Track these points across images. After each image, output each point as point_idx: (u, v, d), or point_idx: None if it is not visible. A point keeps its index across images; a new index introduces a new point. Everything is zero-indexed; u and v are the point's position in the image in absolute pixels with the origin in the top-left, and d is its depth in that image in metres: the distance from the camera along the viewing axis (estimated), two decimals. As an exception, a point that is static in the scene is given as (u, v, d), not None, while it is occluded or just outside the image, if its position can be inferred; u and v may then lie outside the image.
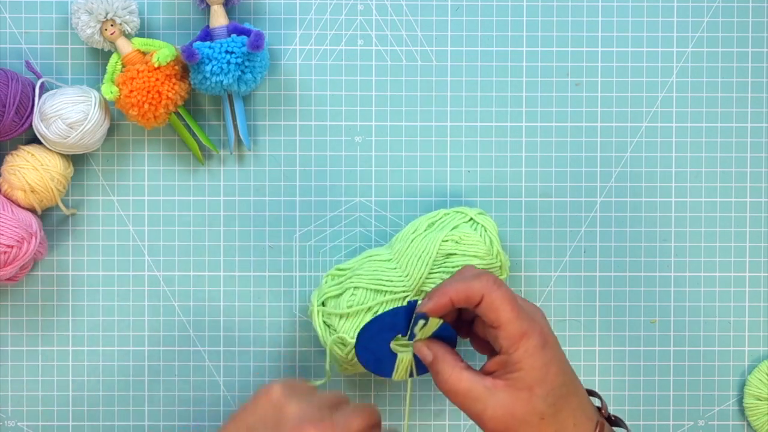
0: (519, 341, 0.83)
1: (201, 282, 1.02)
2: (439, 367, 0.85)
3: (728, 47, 1.02)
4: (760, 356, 1.04)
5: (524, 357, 0.83)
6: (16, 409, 1.03)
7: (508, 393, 0.83)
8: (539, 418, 0.83)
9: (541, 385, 0.83)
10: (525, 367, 0.83)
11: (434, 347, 0.86)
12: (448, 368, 0.84)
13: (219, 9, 0.98)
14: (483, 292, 0.84)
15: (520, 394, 0.83)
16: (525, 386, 0.83)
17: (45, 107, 0.97)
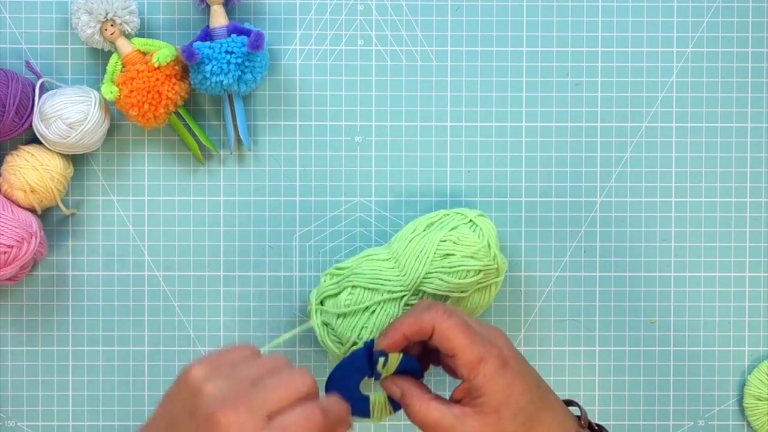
0: (477, 367, 0.84)
1: (201, 282, 1.02)
2: (408, 401, 0.86)
3: (728, 47, 1.02)
4: (760, 356, 1.04)
5: (485, 382, 0.83)
6: (16, 409, 1.03)
7: (476, 419, 0.84)
8: None
9: (507, 406, 0.83)
10: (487, 392, 0.83)
11: (400, 382, 0.87)
12: (416, 401, 0.85)
13: (219, 9, 0.98)
14: (433, 323, 0.85)
15: (487, 419, 0.83)
16: (492, 410, 0.83)
17: (45, 107, 0.97)
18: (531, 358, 1.03)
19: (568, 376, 1.03)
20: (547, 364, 1.03)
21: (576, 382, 1.03)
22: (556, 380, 1.03)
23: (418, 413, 0.85)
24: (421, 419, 0.85)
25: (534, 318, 1.03)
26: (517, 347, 1.02)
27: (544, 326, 1.03)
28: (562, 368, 1.03)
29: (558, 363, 1.03)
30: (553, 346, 1.03)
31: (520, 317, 1.03)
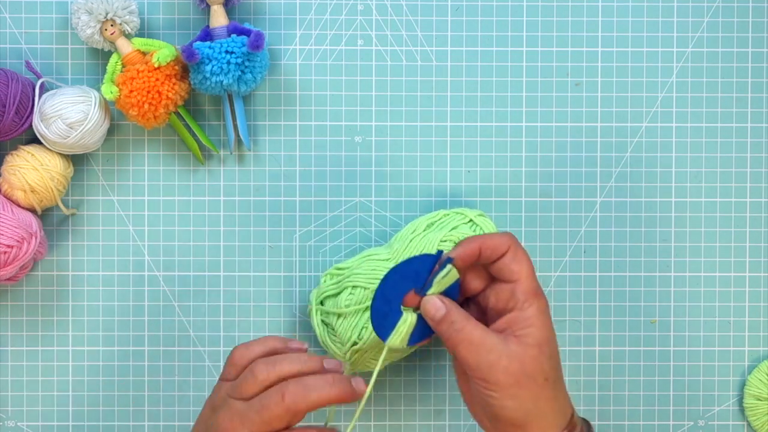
0: (534, 297, 0.86)
1: (201, 282, 1.02)
2: (453, 317, 0.85)
3: (728, 47, 1.02)
4: (760, 356, 1.04)
5: (537, 314, 0.85)
6: (16, 409, 1.03)
7: (520, 347, 0.85)
8: (544, 378, 0.85)
9: (548, 345, 0.85)
10: (536, 324, 0.85)
11: (447, 300, 0.86)
12: (462, 318, 0.85)
13: (219, 9, 0.98)
14: (509, 244, 0.87)
15: (530, 350, 0.85)
16: (535, 342, 0.85)
17: (45, 107, 0.97)
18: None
19: (568, 376, 1.03)
20: (547, 364, 1.03)
21: (576, 382, 1.03)
22: (556, 380, 1.03)
23: (463, 330, 0.85)
24: (465, 336, 0.84)
25: (534, 318, 1.03)
26: (517, 347, 1.02)
27: (544, 326, 1.03)
28: (561, 368, 1.03)
29: (558, 363, 1.03)
30: (553, 346, 1.03)
31: (520, 317, 1.03)
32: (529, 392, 0.84)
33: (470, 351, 0.84)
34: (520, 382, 0.84)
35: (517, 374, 0.84)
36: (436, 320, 0.86)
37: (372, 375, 1.00)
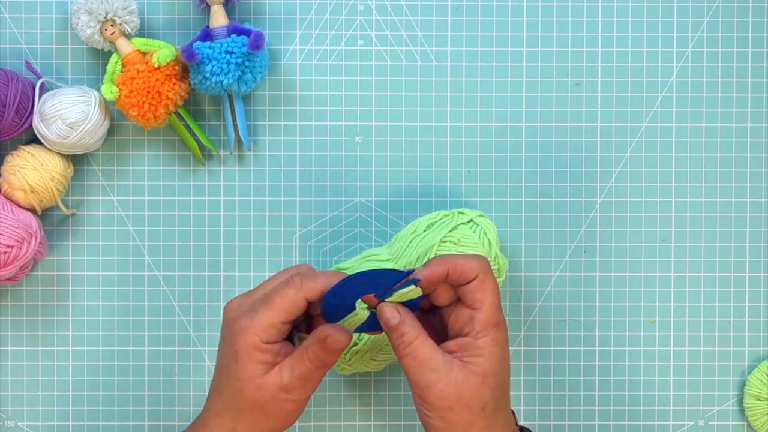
0: (491, 328, 0.85)
1: (201, 282, 1.02)
2: (405, 329, 0.85)
3: (728, 47, 1.02)
4: (760, 356, 1.04)
5: (490, 345, 0.85)
6: (16, 409, 1.03)
7: (463, 374, 0.84)
8: (480, 408, 0.85)
9: (494, 377, 0.85)
10: (486, 354, 0.85)
11: (402, 310, 0.86)
12: (414, 332, 0.85)
13: (219, 9, 0.98)
14: (478, 272, 0.86)
15: (473, 378, 0.84)
16: (480, 372, 0.84)
17: (45, 107, 0.97)
18: (531, 358, 1.03)
19: (568, 376, 1.03)
20: (547, 364, 1.03)
21: (576, 382, 1.03)
22: (556, 380, 1.03)
23: (412, 343, 0.85)
24: (412, 351, 0.85)
25: (534, 318, 1.03)
26: (517, 347, 1.03)
27: (544, 326, 1.03)
28: (562, 368, 1.03)
29: (558, 363, 1.03)
30: (553, 346, 1.03)
31: (520, 317, 1.03)
32: (461, 419, 0.84)
33: (413, 366, 0.85)
34: (453, 408, 0.84)
35: (452, 400, 0.84)
36: (389, 327, 0.86)
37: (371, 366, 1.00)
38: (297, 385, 0.85)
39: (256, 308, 0.86)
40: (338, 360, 0.98)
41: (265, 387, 0.85)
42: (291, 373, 0.85)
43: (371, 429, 1.04)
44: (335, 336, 0.85)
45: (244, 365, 0.85)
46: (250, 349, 0.85)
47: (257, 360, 0.85)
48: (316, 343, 0.85)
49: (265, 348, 0.85)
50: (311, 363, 0.85)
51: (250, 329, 0.85)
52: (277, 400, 0.85)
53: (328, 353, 0.85)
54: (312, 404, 1.03)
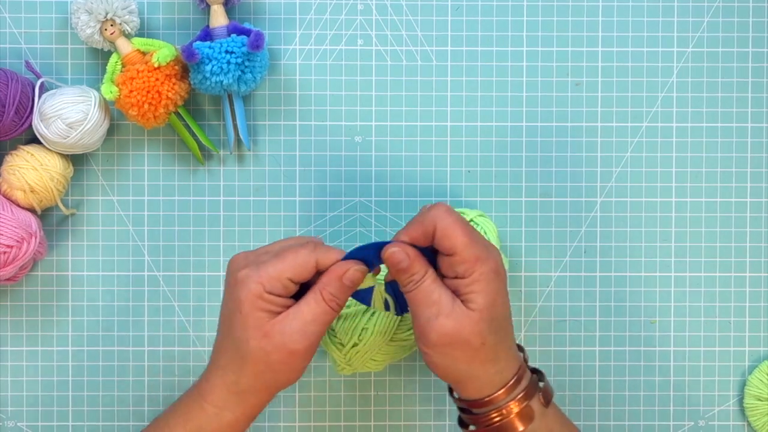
0: (474, 265, 0.85)
1: (201, 282, 1.02)
2: (415, 268, 0.86)
3: (728, 47, 1.02)
4: (760, 356, 1.04)
5: (478, 279, 0.85)
6: (16, 409, 1.03)
7: (462, 310, 0.85)
8: (481, 342, 0.85)
9: (489, 310, 0.85)
10: (477, 290, 0.85)
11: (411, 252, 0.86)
12: (423, 270, 0.86)
13: (219, 9, 0.98)
14: (435, 221, 0.86)
15: (471, 314, 0.85)
16: (477, 308, 0.85)
17: (45, 107, 0.97)
18: (531, 358, 1.03)
19: (568, 376, 1.03)
20: (547, 364, 1.03)
21: (576, 382, 1.03)
22: (556, 380, 1.03)
23: (420, 280, 0.85)
24: (420, 286, 0.85)
25: (534, 318, 1.03)
26: (517, 347, 1.02)
27: (544, 326, 1.03)
28: (562, 368, 1.03)
29: (558, 363, 1.03)
30: (553, 346, 1.03)
31: (520, 317, 1.03)
32: (462, 354, 0.85)
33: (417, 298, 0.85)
34: (453, 343, 0.85)
35: (452, 336, 0.84)
36: (399, 269, 0.86)
37: (373, 360, 1.00)
38: (307, 330, 0.85)
39: (263, 261, 0.85)
40: (338, 360, 0.98)
41: (272, 334, 0.84)
42: (302, 316, 0.85)
43: (371, 429, 1.04)
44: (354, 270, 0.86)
45: (248, 314, 0.84)
46: (253, 297, 0.84)
47: (260, 308, 0.84)
48: (333, 280, 0.85)
49: (269, 298, 0.84)
50: (326, 303, 0.85)
51: (254, 278, 0.84)
52: (283, 349, 0.85)
53: (344, 290, 0.86)
54: (312, 404, 1.03)
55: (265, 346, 0.84)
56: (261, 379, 0.86)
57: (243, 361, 0.85)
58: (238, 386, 0.86)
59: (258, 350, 0.85)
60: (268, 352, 0.85)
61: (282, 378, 0.86)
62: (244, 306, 0.85)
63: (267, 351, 0.85)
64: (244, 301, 0.85)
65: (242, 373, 0.86)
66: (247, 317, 0.85)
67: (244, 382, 0.86)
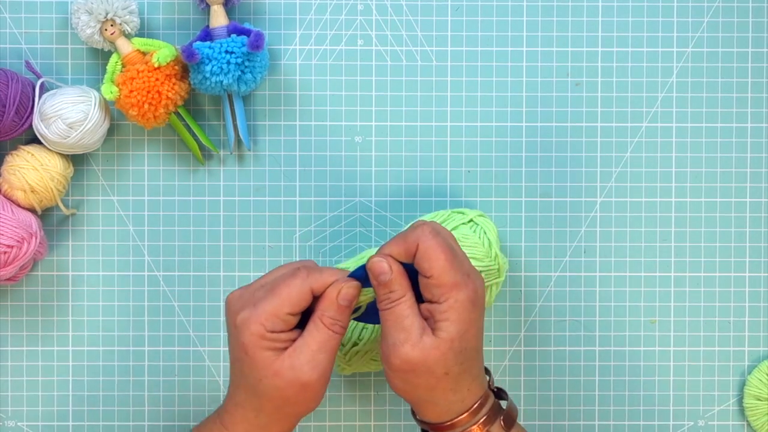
0: (450, 291, 0.84)
1: (201, 282, 1.02)
2: (394, 287, 0.85)
3: (728, 47, 1.02)
4: (760, 356, 1.04)
5: (453, 306, 0.84)
6: (16, 409, 1.03)
7: (431, 339, 0.84)
8: (444, 372, 0.84)
9: (461, 341, 0.84)
10: (451, 318, 0.84)
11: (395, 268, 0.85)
12: (401, 290, 0.85)
13: (219, 9, 0.98)
14: (418, 241, 0.85)
15: (440, 344, 0.84)
16: (448, 337, 0.84)
17: (45, 107, 0.97)
18: (531, 358, 1.03)
19: (568, 376, 1.03)
20: (547, 364, 1.03)
21: (576, 382, 1.03)
22: (556, 380, 1.03)
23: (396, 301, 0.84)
24: (394, 307, 0.84)
25: (534, 318, 1.03)
26: (517, 347, 1.03)
27: (544, 326, 1.03)
28: (562, 368, 1.03)
29: (558, 363, 1.03)
30: (553, 346, 1.03)
31: (520, 317, 1.03)
32: (423, 381, 0.85)
33: (388, 321, 0.85)
34: (416, 370, 0.84)
35: (416, 363, 0.84)
36: (379, 282, 0.85)
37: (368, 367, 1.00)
38: (315, 360, 0.84)
39: (258, 298, 0.85)
40: (338, 360, 0.98)
41: (282, 371, 0.84)
42: (308, 348, 0.84)
43: (371, 429, 1.04)
44: (346, 288, 0.85)
45: (254, 356, 0.84)
46: (256, 339, 0.84)
47: (265, 348, 0.84)
48: (329, 304, 0.85)
49: (272, 336, 0.84)
50: (328, 328, 0.85)
51: (254, 319, 0.84)
52: (296, 383, 0.84)
53: (342, 311, 0.85)
54: (312, 404, 1.03)
55: (278, 384, 0.84)
56: (281, 412, 0.86)
57: (259, 400, 0.85)
58: (259, 420, 0.86)
59: (272, 388, 0.85)
60: (281, 389, 0.84)
61: (301, 408, 0.87)
62: (249, 349, 0.84)
63: (280, 387, 0.84)
64: (248, 345, 0.84)
65: (261, 410, 0.86)
66: (255, 359, 0.84)
67: (264, 417, 0.86)
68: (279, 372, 0.84)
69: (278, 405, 0.85)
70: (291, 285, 0.85)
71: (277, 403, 0.85)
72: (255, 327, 0.84)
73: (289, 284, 0.85)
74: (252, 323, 0.84)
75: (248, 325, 0.84)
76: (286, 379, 0.84)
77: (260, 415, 0.86)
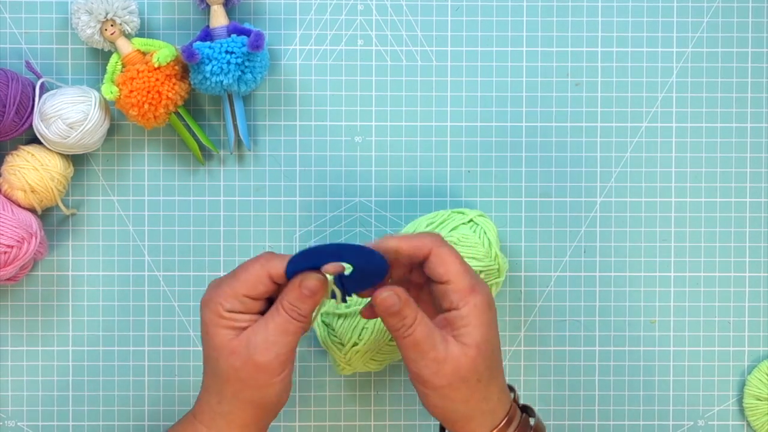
0: (468, 295, 0.84)
1: (201, 282, 1.02)
2: (406, 312, 0.84)
3: (728, 47, 1.03)
4: (760, 356, 1.04)
5: (473, 311, 0.84)
6: (16, 409, 1.03)
7: (458, 347, 0.84)
8: (477, 379, 0.84)
9: (485, 344, 0.84)
10: (473, 322, 0.84)
11: (401, 294, 0.84)
12: (413, 313, 0.84)
13: (219, 9, 0.98)
14: (431, 246, 0.85)
15: (468, 350, 0.84)
16: (473, 343, 0.84)
17: (45, 107, 0.97)
18: (531, 358, 1.03)
19: (568, 376, 1.03)
20: (547, 364, 1.03)
21: (576, 382, 1.03)
22: (556, 380, 1.03)
23: (411, 326, 0.84)
24: (412, 332, 0.84)
25: (534, 318, 1.03)
26: (517, 347, 1.03)
27: (544, 326, 1.03)
28: (562, 368, 1.03)
29: (558, 363, 1.03)
30: (553, 346, 1.03)
31: (520, 317, 1.03)
32: (459, 394, 0.84)
33: (412, 347, 0.84)
34: (452, 383, 0.84)
35: (450, 377, 0.83)
36: (390, 313, 0.84)
37: (369, 365, 1.00)
38: (272, 342, 0.84)
39: (221, 280, 0.86)
40: (338, 360, 0.98)
41: (238, 349, 0.84)
42: (264, 328, 0.84)
43: (371, 429, 1.04)
44: (310, 278, 0.84)
45: (213, 334, 0.85)
46: (214, 317, 0.85)
47: (224, 326, 0.85)
48: (291, 290, 0.84)
49: (229, 315, 0.85)
50: (287, 313, 0.84)
51: (214, 298, 0.85)
52: (250, 362, 0.84)
53: (303, 299, 0.84)
54: (312, 404, 1.03)
55: (233, 363, 0.85)
56: (240, 397, 0.86)
57: (219, 381, 0.86)
58: (221, 406, 0.86)
59: (228, 368, 0.85)
60: (237, 369, 0.85)
61: (260, 394, 0.85)
62: (208, 327, 0.85)
63: (236, 367, 0.85)
64: (208, 323, 0.85)
65: (222, 394, 0.86)
66: (213, 337, 0.85)
67: (226, 402, 0.86)
68: (235, 350, 0.84)
69: (237, 388, 0.85)
70: (249, 268, 0.85)
71: (236, 386, 0.85)
72: (213, 306, 0.85)
73: (248, 267, 0.85)
74: (211, 303, 0.85)
75: (208, 304, 0.85)
76: (241, 357, 0.84)
77: (222, 402, 0.86)
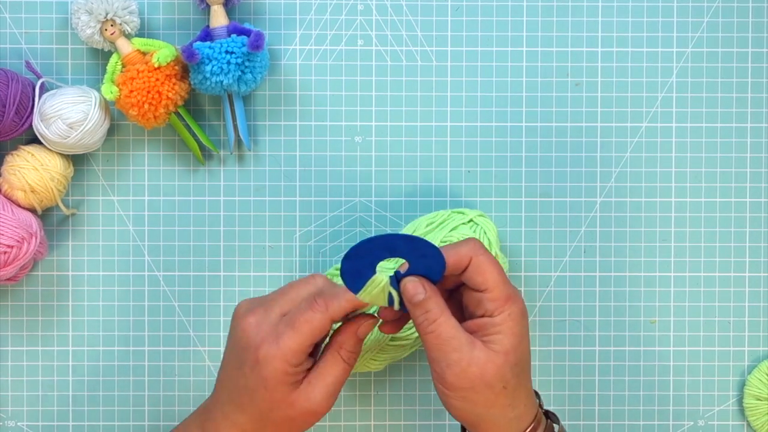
0: (504, 304, 0.84)
1: (201, 282, 1.02)
2: (430, 305, 0.84)
3: (728, 47, 1.03)
4: (760, 356, 1.04)
5: (507, 320, 0.84)
6: (16, 409, 1.03)
7: (485, 352, 0.84)
8: (502, 386, 0.84)
9: (514, 353, 0.84)
10: (505, 331, 0.84)
11: (428, 287, 0.85)
12: (438, 309, 0.84)
13: (219, 9, 0.98)
14: (470, 254, 0.85)
15: (495, 357, 0.84)
16: (502, 350, 0.84)
17: (45, 107, 0.97)
18: (531, 358, 1.03)
19: (568, 376, 1.03)
20: (547, 364, 1.03)
21: (576, 382, 1.03)
22: (556, 380, 1.03)
23: (436, 321, 0.83)
24: (436, 329, 0.83)
25: (534, 318, 1.03)
26: (517, 347, 1.02)
27: (544, 326, 1.03)
28: (562, 368, 1.03)
29: (558, 363, 1.03)
30: (553, 346, 1.03)
31: (520, 317, 1.03)
32: (483, 398, 0.84)
33: (436, 344, 0.84)
34: (474, 387, 0.83)
35: (474, 380, 0.83)
36: (413, 303, 0.84)
37: (371, 366, 1.00)
38: (330, 391, 0.85)
39: (280, 332, 0.84)
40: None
41: (298, 402, 0.84)
42: (323, 381, 0.85)
43: (371, 429, 1.04)
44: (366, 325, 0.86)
45: (274, 389, 0.84)
46: (280, 375, 0.84)
47: (287, 383, 0.84)
48: (348, 337, 0.85)
49: (293, 371, 0.84)
50: (345, 362, 0.86)
51: (279, 357, 0.83)
52: (309, 413, 0.85)
53: (359, 343, 0.86)
54: (312, 404, 1.03)
55: (290, 414, 0.85)
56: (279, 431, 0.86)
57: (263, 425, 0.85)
58: None
59: (283, 417, 0.85)
60: (293, 418, 0.85)
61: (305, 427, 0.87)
62: (269, 383, 0.84)
63: (292, 417, 0.85)
64: (270, 379, 0.84)
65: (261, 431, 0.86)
66: (274, 392, 0.84)
67: None
68: (294, 403, 0.84)
69: (281, 429, 0.86)
70: (312, 321, 0.84)
71: (282, 428, 0.85)
72: (279, 364, 0.83)
73: (311, 320, 0.84)
74: (277, 361, 0.83)
75: (272, 362, 0.83)
76: (300, 410, 0.85)
77: None
